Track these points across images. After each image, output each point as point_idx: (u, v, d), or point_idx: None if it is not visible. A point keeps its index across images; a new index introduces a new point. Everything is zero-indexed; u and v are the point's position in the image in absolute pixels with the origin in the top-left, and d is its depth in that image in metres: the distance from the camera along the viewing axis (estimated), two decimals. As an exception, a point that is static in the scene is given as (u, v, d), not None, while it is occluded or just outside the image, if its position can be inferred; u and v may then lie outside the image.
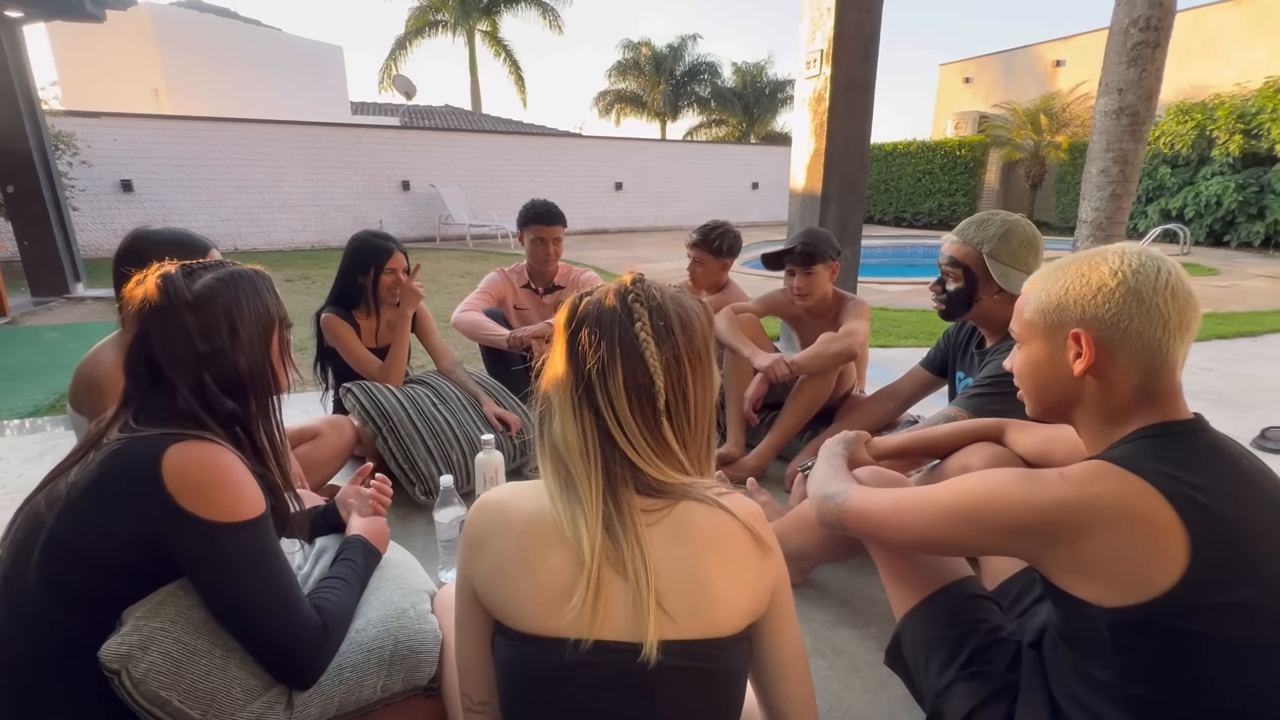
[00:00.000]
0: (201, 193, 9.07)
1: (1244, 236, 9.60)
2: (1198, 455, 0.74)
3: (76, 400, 1.43)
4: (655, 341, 0.68)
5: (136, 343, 0.89)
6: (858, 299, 2.16)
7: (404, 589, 1.10)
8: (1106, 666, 0.74)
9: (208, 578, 0.82)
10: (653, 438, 0.69)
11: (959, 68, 16.07)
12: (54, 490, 0.83)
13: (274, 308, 0.98)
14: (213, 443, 0.86)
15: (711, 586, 0.66)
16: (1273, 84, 9.44)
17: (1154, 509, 0.69)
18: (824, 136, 3.36)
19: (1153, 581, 0.68)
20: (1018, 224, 1.58)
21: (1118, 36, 3.82)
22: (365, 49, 64.61)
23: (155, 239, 1.39)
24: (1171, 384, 0.78)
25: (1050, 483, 0.75)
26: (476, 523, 0.72)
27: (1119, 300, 0.76)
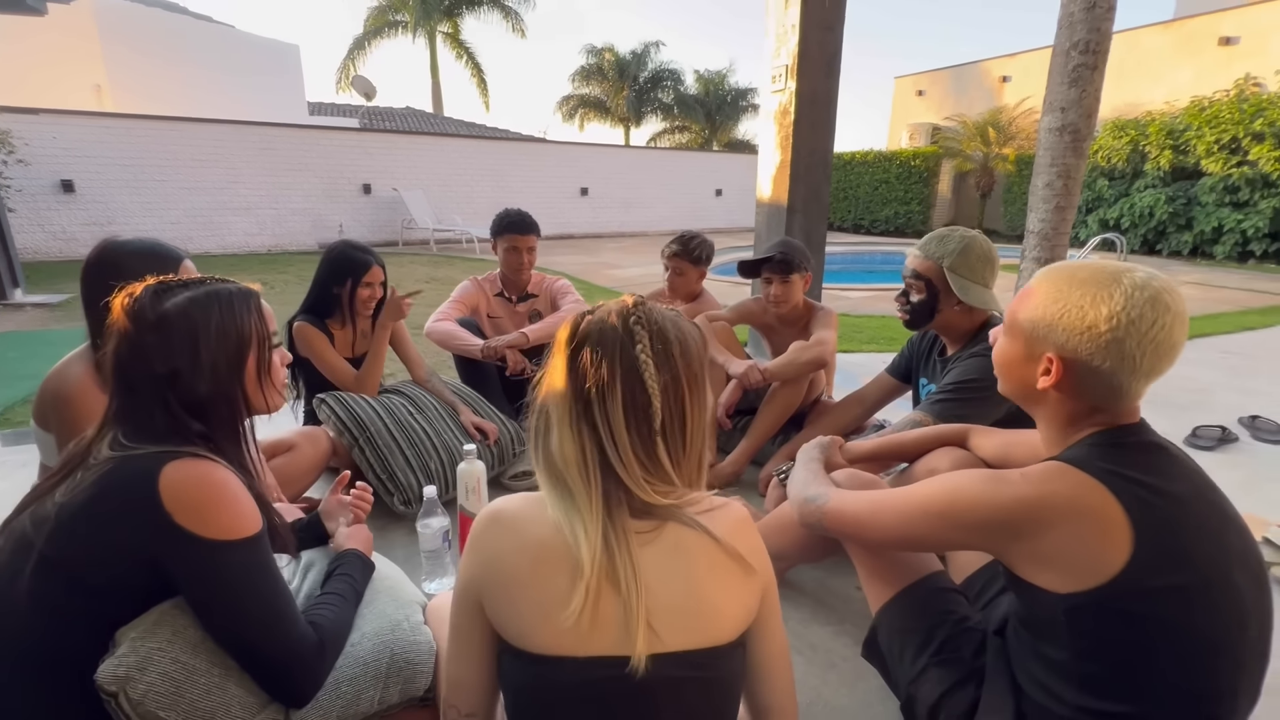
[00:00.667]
0: (149, 194, 8.71)
1: (1174, 245, 10.23)
2: (1142, 456, 0.82)
3: (43, 417, 1.38)
4: (655, 364, 0.71)
5: (111, 359, 0.88)
6: (826, 308, 2.25)
7: (396, 601, 1.11)
8: (1062, 648, 0.81)
9: (205, 596, 0.82)
10: (647, 457, 0.72)
11: (913, 80, 16.65)
12: (40, 511, 0.82)
13: (251, 328, 0.95)
14: (209, 460, 0.86)
15: (706, 599, 0.70)
16: (1197, 104, 10.10)
17: (1103, 504, 0.76)
18: (789, 149, 3.47)
19: (1102, 569, 0.75)
20: (975, 240, 1.67)
21: (1060, 58, 4.05)
22: (322, 48, 63.43)
23: (125, 249, 1.36)
24: (1129, 409, 0.85)
25: (1012, 482, 0.83)
26: (487, 537, 0.73)
27: (1102, 345, 0.80)
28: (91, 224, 8.40)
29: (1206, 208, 9.68)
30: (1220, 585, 0.76)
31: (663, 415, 0.71)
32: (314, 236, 10.06)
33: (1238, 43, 10.63)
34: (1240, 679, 0.78)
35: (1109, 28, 3.93)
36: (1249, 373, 3.75)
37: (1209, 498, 0.82)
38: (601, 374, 0.70)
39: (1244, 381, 3.57)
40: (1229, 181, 9.40)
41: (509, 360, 2.29)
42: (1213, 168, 9.58)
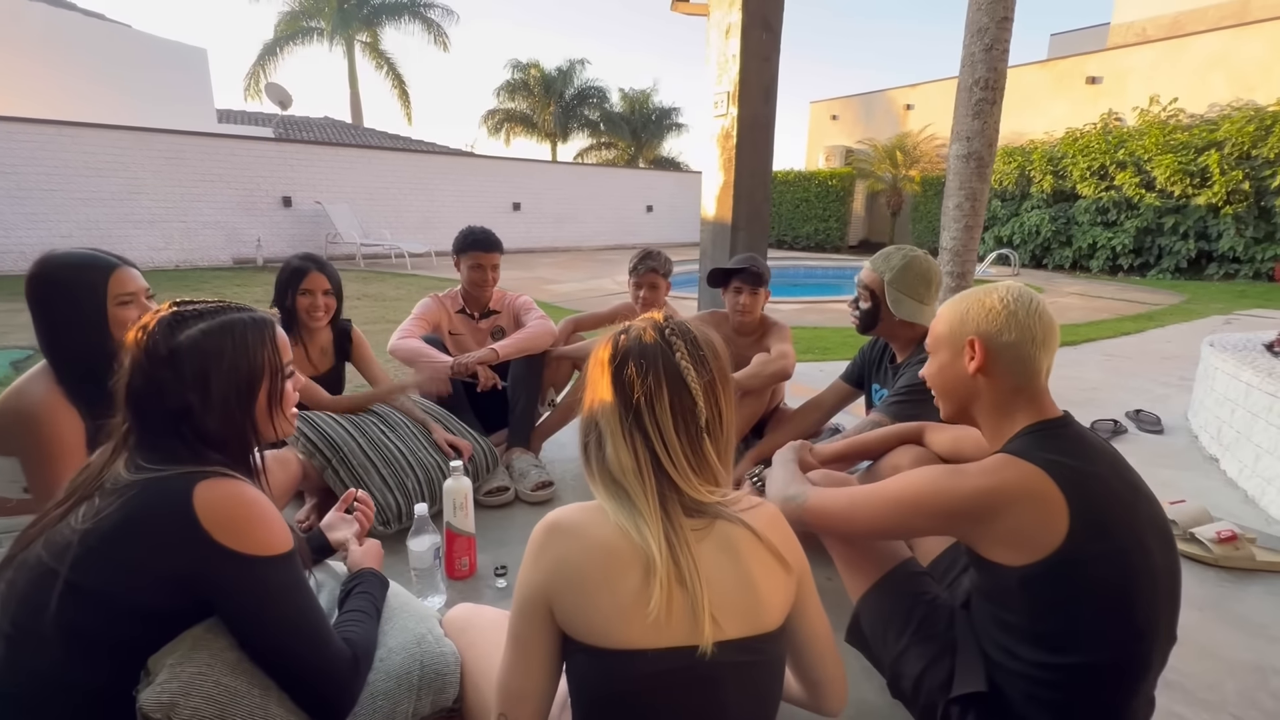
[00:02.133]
0: (36, 204, 7.92)
1: (1058, 260, 11.40)
2: (1070, 443, 0.99)
3: (2, 442, 1.28)
4: (695, 369, 0.79)
5: (124, 389, 0.87)
6: (780, 323, 2.40)
7: (414, 615, 1.13)
8: (1017, 612, 0.95)
9: (247, 613, 0.83)
10: (694, 454, 0.79)
11: (827, 105, 17.71)
12: (57, 538, 0.79)
13: (264, 361, 0.93)
14: (237, 479, 0.86)
15: (756, 589, 0.77)
16: (1071, 134, 11.37)
17: (1045, 488, 0.91)
18: (732, 170, 3.67)
19: (1046, 542, 0.90)
20: (917, 259, 1.87)
21: (964, 94, 4.50)
22: (227, 53, 59.56)
23: (58, 262, 1.29)
24: (1041, 386, 1.04)
25: (969, 474, 0.97)
26: (551, 545, 0.77)
27: (1003, 320, 1.02)
28: (56, 244, 7.54)
29: (1083, 226, 10.87)
30: (1138, 548, 0.92)
31: (707, 414, 0.79)
32: (228, 251, 9.47)
33: (1101, 82, 12.04)
34: (1160, 623, 0.94)
35: (1004, 67, 4.41)
36: (1130, 372, 4.27)
37: (1123, 475, 0.99)
38: (648, 384, 0.77)
39: (1126, 380, 4.06)
40: (1100, 203, 10.61)
41: (480, 376, 2.30)
42: (1086, 191, 10.79)
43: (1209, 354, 3.00)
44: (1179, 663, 1.44)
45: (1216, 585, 1.77)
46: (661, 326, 0.82)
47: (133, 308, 1.33)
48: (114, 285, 1.32)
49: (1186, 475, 2.58)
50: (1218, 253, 9.59)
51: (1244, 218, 9.25)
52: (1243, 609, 1.66)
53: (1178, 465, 2.69)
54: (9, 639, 0.76)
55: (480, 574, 1.76)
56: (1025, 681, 0.94)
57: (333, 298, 2.13)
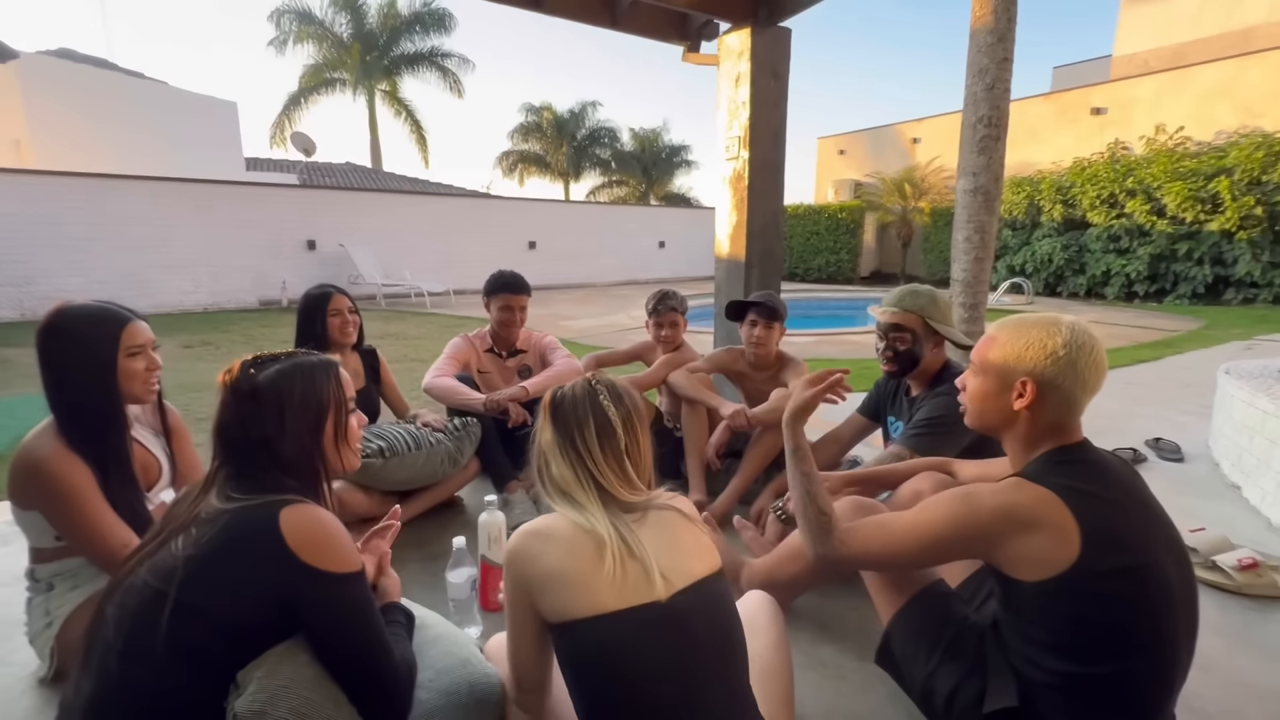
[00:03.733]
0: (75, 253, 8.30)
1: (1071, 288, 11.40)
2: (1085, 468, 1.05)
3: (22, 496, 1.36)
4: (614, 406, 1.02)
5: (215, 427, 0.99)
6: (796, 358, 2.48)
7: (457, 641, 1.20)
8: (1038, 625, 1.01)
9: (330, 625, 0.91)
10: (619, 469, 1.01)
11: (834, 141, 18.06)
12: (162, 564, 0.88)
13: (330, 396, 1.05)
14: (313, 505, 0.96)
15: (686, 549, 0.99)
16: (1078, 164, 11.49)
17: (1055, 509, 0.98)
18: (744, 210, 3.80)
19: (1060, 559, 0.96)
20: (935, 291, 1.95)
21: (968, 130, 4.63)
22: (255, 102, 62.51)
23: (72, 315, 1.38)
24: (1075, 422, 1.10)
25: (983, 498, 1.04)
26: (524, 547, 0.96)
27: (1063, 366, 1.05)
28: (7, 284, 7.91)
29: (1095, 254, 10.90)
30: (1150, 565, 0.98)
31: (625, 440, 1.02)
32: (255, 294, 9.79)
33: (1106, 113, 12.22)
34: (1179, 638, 1.00)
35: (1006, 104, 4.55)
36: (1149, 400, 4.27)
37: (1138, 497, 1.05)
38: (578, 417, 1.01)
39: (1145, 408, 4.06)
40: (1111, 231, 10.65)
41: (511, 412, 2.39)
42: (1096, 219, 10.85)
43: (1225, 382, 3.02)
44: (1203, 689, 1.46)
45: (1240, 613, 1.78)
46: (589, 380, 1.07)
47: (140, 358, 1.43)
48: (126, 337, 1.40)
49: (1208, 503, 2.58)
50: (1234, 277, 9.55)
51: (1259, 242, 9.23)
52: (1266, 636, 1.67)
53: (1199, 493, 2.69)
54: (122, 655, 0.84)
55: (512, 605, 1.82)
56: (1051, 692, 1.00)
57: (357, 315, 2.32)
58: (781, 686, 1.14)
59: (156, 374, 1.49)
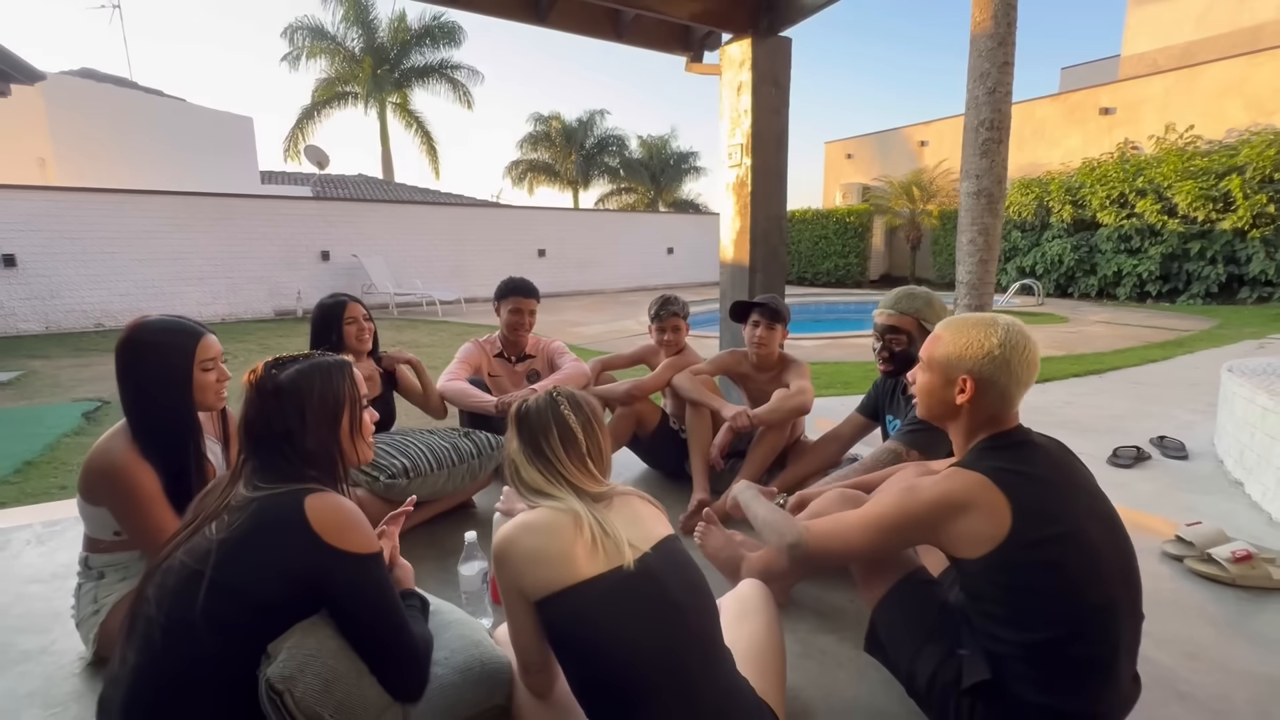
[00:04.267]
0: (98, 266, 8.54)
1: (1082, 289, 11.34)
2: (1015, 451, 1.15)
3: (91, 493, 1.46)
4: (574, 414, 1.13)
5: (241, 422, 1.09)
6: (798, 360, 2.54)
7: (469, 625, 1.28)
8: (989, 599, 1.10)
9: (353, 601, 0.99)
10: (583, 468, 1.12)
11: (841, 145, 18.10)
12: (198, 547, 0.97)
13: (345, 393, 1.14)
14: (334, 492, 1.05)
15: (646, 522, 1.11)
16: (1088, 165, 11.45)
17: (987, 490, 1.07)
18: (748, 216, 3.87)
19: (995, 535, 1.06)
20: (931, 294, 2.02)
21: (970, 134, 4.66)
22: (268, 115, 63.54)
23: (148, 329, 1.49)
24: (1012, 412, 1.19)
25: (924, 488, 1.14)
26: (507, 534, 1.05)
27: (999, 364, 1.16)
28: (33, 298, 8.14)
29: (1106, 254, 10.85)
30: (1074, 531, 1.07)
31: (586, 444, 1.13)
32: (270, 304, 9.98)
33: (1114, 113, 12.18)
34: (1118, 600, 1.07)
35: (1008, 108, 4.57)
36: (1156, 400, 4.27)
37: (1064, 473, 1.14)
38: (542, 425, 1.12)
39: (1151, 407, 4.07)
40: (1122, 231, 10.60)
41: None
42: (1107, 219, 10.80)
43: (1228, 379, 3.03)
44: (1190, 674, 1.50)
45: (1233, 603, 1.81)
46: (551, 393, 1.17)
47: (213, 371, 1.54)
48: (201, 350, 1.52)
49: (1210, 499, 2.61)
50: (1248, 276, 9.47)
51: (1273, 241, 9.16)
52: (1258, 626, 1.70)
53: (1202, 490, 2.71)
54: (165, 629, 0.92)
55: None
56: (1012, 663, 1.07)
57: (372, 324, 2.39)
58: (774, 665, 1.20)
59: (226, 384, 1.60)
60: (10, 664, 1.60)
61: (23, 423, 4.02)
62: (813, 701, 1.44)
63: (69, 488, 2.94)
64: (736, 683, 1.05)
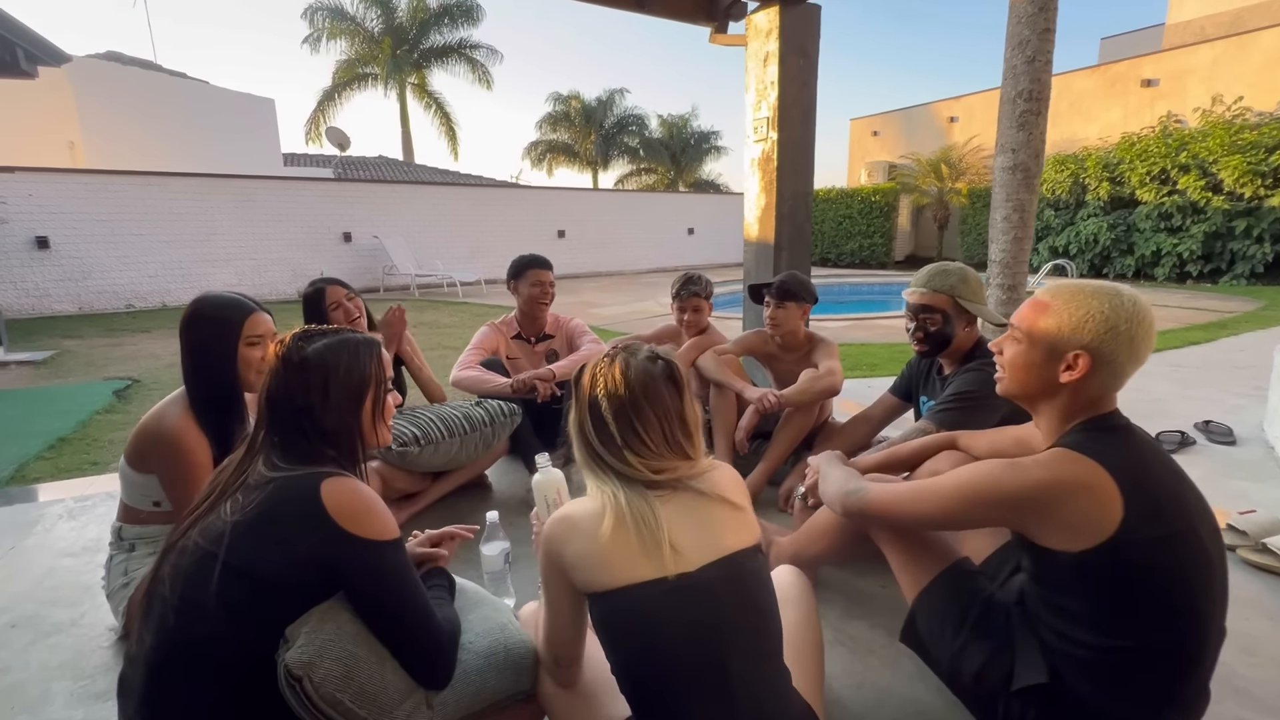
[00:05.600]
0: (127, 248, 8.67)
1: (1118, 269, 10.94)
2: (1123, 436, 1.04)
3: (140, 459, 1.48)
4: (648, 365, 1.00)
5: (264, 393, 1.04)
6: (828, 340, 2.46)
7: (494, 606, 1.24)
8: (1074, 596, 1.00)
9: (372, 590, 0.96)
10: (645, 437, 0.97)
11: (867, 122, 17.63)
12: (212, 527, 0.94)
13: (371, 372, 1.09)
14: (352, 477, 1.01)
15: (715, 527, 0.97)
16: (1127, 139, 10.98)
17: (1101, 480, 0.96)
18: (773, 192, 3.76)
19: (1102, 529, 0.95)
20: (965, 269, 1.91)
21: (1007, 105, 4.47)
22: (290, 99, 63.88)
23: (208, 303, 1.55)
24: (1114, 395, 1.07)
25: (1028, 467, 1.02)
26: (553, 532, 0.98)
27: (1121, 340, 1.01)
28: (66, 280, 8.32)
29: (1144, 233, 10.44)
30: (1190, 533, 0.96)
31: (651, 402, 0.97)
32: (294, 285, 10.07)
33: (1157, 84, 11.65)
34: (1214, 609, 0.98)
35: (1048, 78, 4.37)
36: (1198, 383, 4.10)
37: (1168, 466, 1.03)
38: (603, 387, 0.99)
39: (1194, 391, 3.90)
40: (1162, 209, 10.17)
41: (539, 388, 2.43)
42: (1146, 197, 10.37)
43: (1281, 361, 2.88)
44: (1247, 670, 1.42)
45: (1292, 596, 1.72)
46: (611, 350, 1.05)
47: (259, 349, 1.55)
48: (248, 327, 1.53)
49: (1262, 486, 2.48)
50: (1297, 256, 9.05)
51: (1324, 218, 8.73)
52: (1320, 620, 1.61)
53: (1252, 476, 2.59)
54: (178, 610, 0.90)
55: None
56: (1083, 666, 0.99)
57: (357, 300, 2.29)
58: (812, 661, 1.15)
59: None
60: (42, 635, 1.62)
61: (56, 400, 4.10)
62: (844, 691, 1.40)
63: (100, 464, 2.98)
64: (787, 708, 0.98)
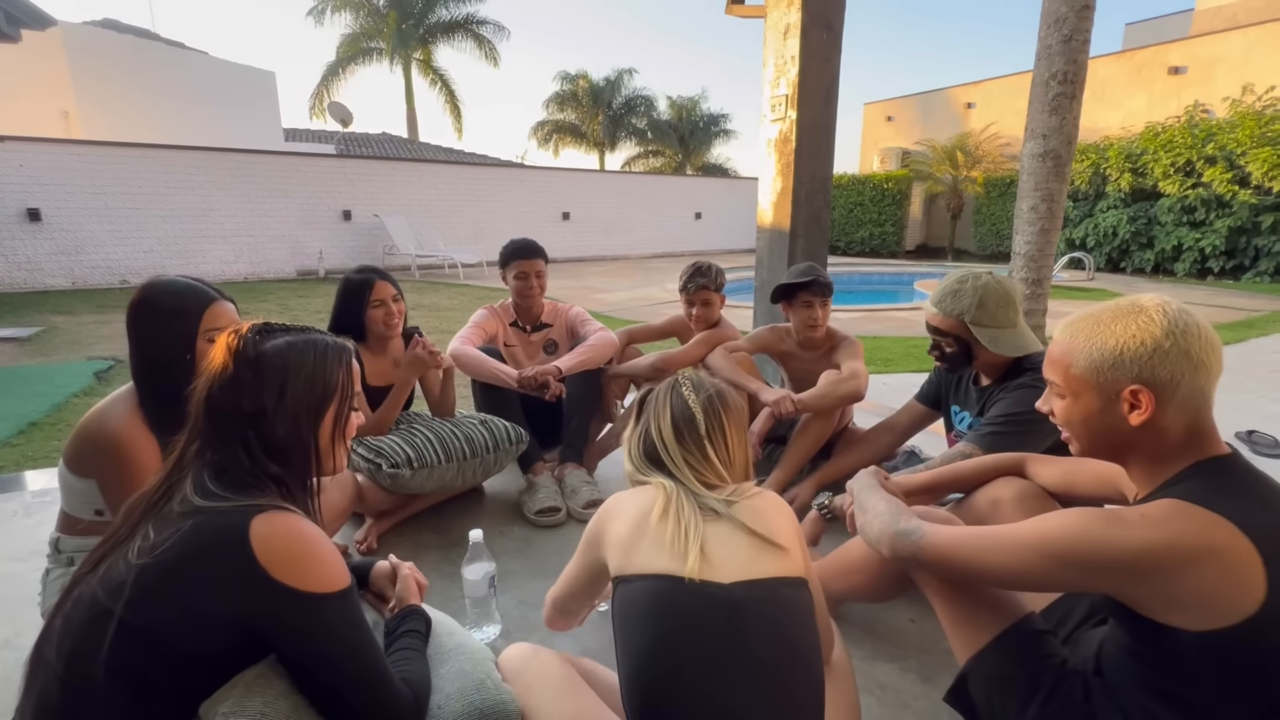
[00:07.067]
0: (121, 222, 8.46)
1: (1137, 263, 10.66)
2: (1248, 486, 0.83)
3: (80, 463, 1.30)
4: (695, 389, 1.03)
5: (202, 395, 0.87)
6: (850, 337, 2.25)
7: (472, 658, 1.06)
8: (1191, 685, 0.80)
9: (306, 653, 0.78)
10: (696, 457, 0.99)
11: (881, 107, 17.21)
12: (113, 575, 0.76)
13: (338, 382, 0.93)
14: (293, 512, 0.83)
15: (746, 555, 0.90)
16: (1152, 129, 10.62)
17: (1234, 543, 0.76)
18: (790, 176, 3.52)
19: (1238, 607, 0.75)
20: (989, 287, 1.64)
21: (1039, 88, 4.22)
22: (294, 74, 62.52)
23: (158, 289, 1.34)
24: (1211, 420, 0.87)
25: (1135, 524, 0.81)
26: (610, 509, 1.01)
27: (1175, 360, 0.84)
28: (59, 253, 8.13)
29: (1166, 227, 10.13)
30: None
31: (706, 424, 0.99)
32: (293, 264, 9.88)
33: (1185, 72, 11.25)
34: None
35: (1084, 59, 4.11)
36: (1233, 388, 3.88)
37: None
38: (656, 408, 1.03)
39: (1230, 396, 3.69)
40: (1186, 202, 9.86)
41: (552, 386, 2.22)
42: (1170, 189, 10.05)
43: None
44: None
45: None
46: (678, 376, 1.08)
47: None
48: (207, 319, 1.33)
49: (1317, 507, 2.29)
50: (1325, 253, 8.76)
51: (1356, 214, 8.42)
52: None
53: (1305, 495, 2.39)
54: (64, 684, 0.72)
55: (535, 602, 1.69)
56: None
57: (402, 302, 2.10)
58: None
59: None
60: (-28, 658, 1.45)
61: (33, 381, 3.93)
62: (874, 750, 1.22)
63: (70, 453, 2.81)
64: None
